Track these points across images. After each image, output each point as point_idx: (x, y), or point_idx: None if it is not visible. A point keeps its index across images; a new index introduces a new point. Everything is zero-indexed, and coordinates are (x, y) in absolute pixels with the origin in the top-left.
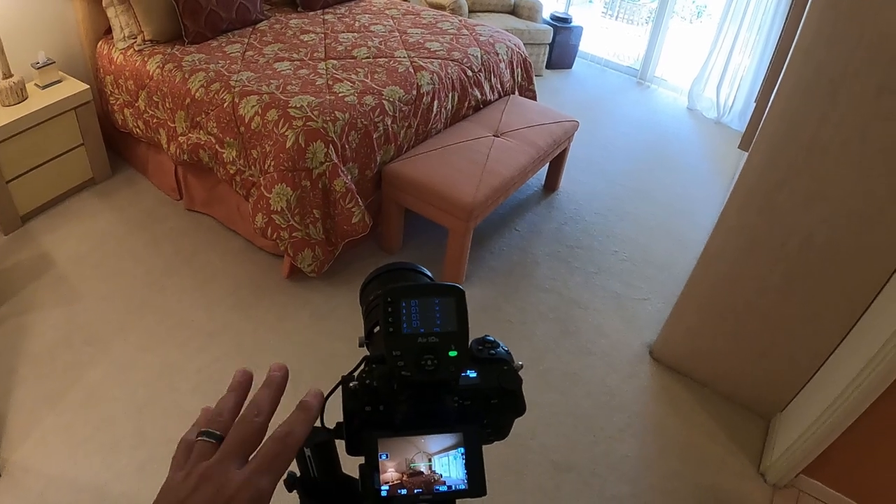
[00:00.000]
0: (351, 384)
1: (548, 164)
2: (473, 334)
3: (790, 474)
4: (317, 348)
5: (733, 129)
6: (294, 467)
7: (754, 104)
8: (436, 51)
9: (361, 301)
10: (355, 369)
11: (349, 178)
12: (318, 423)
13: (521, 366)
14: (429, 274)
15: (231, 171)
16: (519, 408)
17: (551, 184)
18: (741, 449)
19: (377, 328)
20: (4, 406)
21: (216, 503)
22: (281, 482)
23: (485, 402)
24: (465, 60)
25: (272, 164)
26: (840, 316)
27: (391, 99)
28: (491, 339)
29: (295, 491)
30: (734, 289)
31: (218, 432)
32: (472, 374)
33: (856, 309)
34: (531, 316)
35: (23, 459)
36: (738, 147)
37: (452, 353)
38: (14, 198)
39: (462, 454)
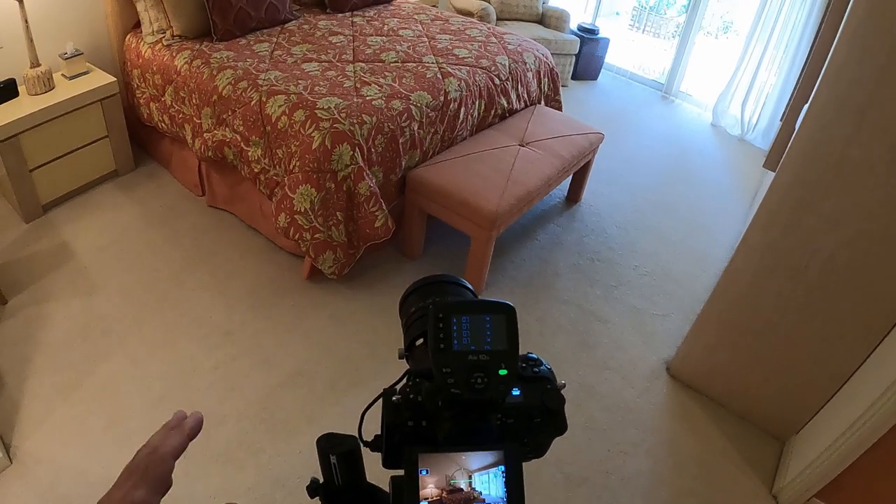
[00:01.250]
0: (394, 398)
1: (571, 175)
2: None
3: (803, 497)
4: (334, 351)
5: (756, 146)
6: (318, 473)
7: (780, 123)
8: (464, 57)
9: (401, 313)
10: (397, 382)
11: (374, 181)
12: (354, 433)
13: (564, 385)
14: (471, 288)
15: (255, 170)
16: (561, 427)
17: (574, 195)
18: (754, 469)
19: (419, 341)
20: (18, 394)
21: None
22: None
23: (527, 420)
24: (493, 68)
25: (297, 164)
26: (861, 339)
27: (418, 104)
28: (534, 356)
29: (318, 497)
30: (754, 307)
31: None
32: (515, 391)
33: (877, 332)
34: (550, 327)
35: (35, 448)
36: (763, 166)
37: (503, 372)
38: (37, 186)
39: (502, 472)
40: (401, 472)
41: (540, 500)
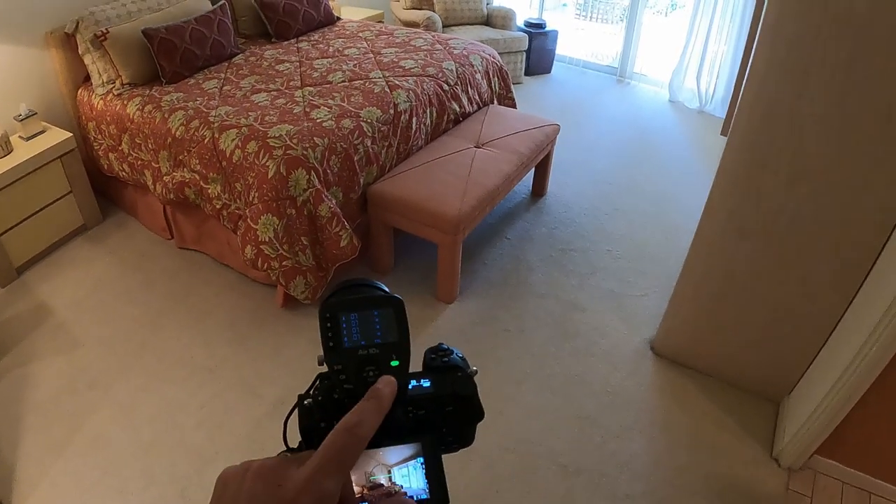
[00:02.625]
0: (306, 402)
1: (533, 169)
2: (474, 346)
3: (804, 456)
4: (315, 374)
5: (716, 116)
6: None
7: (734, 90)
8: (410, 68)
9: (320, 318)
10: (311, 387)
11: (334, 202)
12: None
13: (476, 371)
14: (381, 287)
15: (217, 206)
16: (476, 413)
17: (538, 189)
18: (752, 435)
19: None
20: (12, 456)
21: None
22: None
23: (440, 410)
24: (441, 75)
25: (256, 195)
26: (838, 291)
27: (369, 120)
28: (445, 346)
29: None
30: (728, 275)
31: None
32: (426, 383)
33: (853, 282)
34: (529, 323)
35: None
36: (721, 133)
37: (394, 363)
38: (8, 250)
39: (421, 464)
40: None
41: (539, 494)
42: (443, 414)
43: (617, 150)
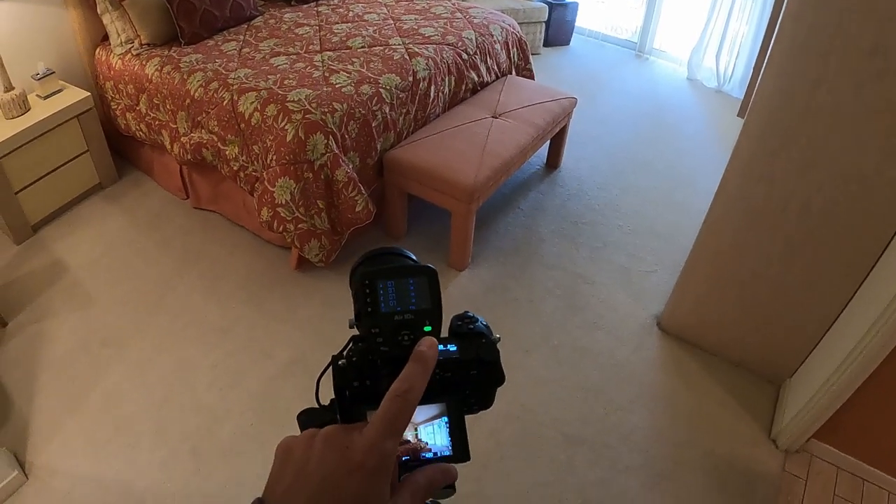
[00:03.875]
0: (340, 362)
1: (548, 141)
2: (484, 313)
3: (801, 439)
4: (329, 336)
5: (734, 97)
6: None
7: (752, 71)
8: (430, 36)
9: (350, 284)
10: (344, 349)
11: (351, 167)
12: (315, 404)
13: (499, 339)
14: (412, 257)
15: (234, 168)
16: (498, 378)
17: (553, 161)
18: (752, 416)
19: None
20: (27, 411)
21: (341, 471)
22: None
23: (465, 373)
24: (460, 44)
25: (274, 158)
26: (844, 280)
27: (388, 87)
28: (471, 314)
29: None
30: (737, 257)
31: None
32: (452, 348)
33: (859, 272)
34: (539, 293)
35: (48, 462)
36: (738, 115)
37: (427, 329)
38: (24, 208)
39: (446, 423)
40: None
41: (542, 461)
42: (467, 377)
43: (632, 125)
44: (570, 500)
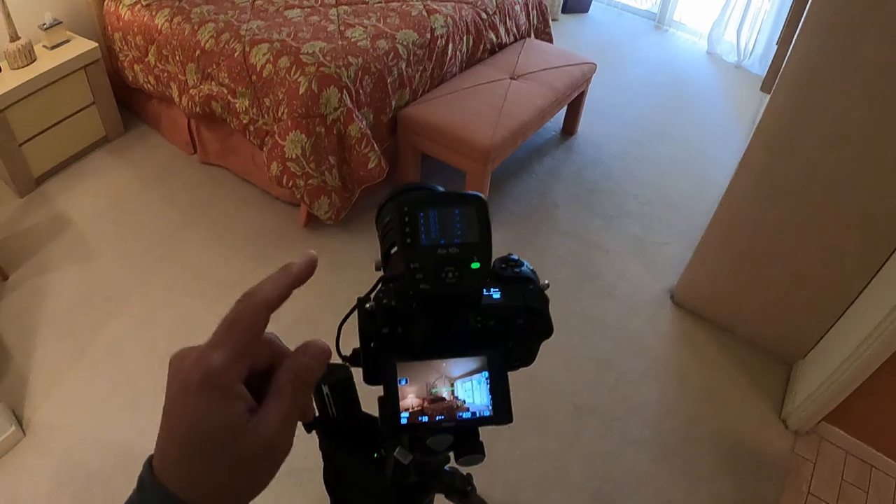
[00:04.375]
0: (367, 305)
1: (565, 107)
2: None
3: (812, 421)
4: (336, 295)
5: (753, 73)
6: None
7: (776, 47)
8: None
9: (377, 224)
10: (371, 290)
11: (364, 123)
12: (334, 359)
13: (548, 285)
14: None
15: (244, 121)
16: (546, 329)
17: (569, 127)
18: (763, 395)
19: (394, 249)
20: (26, 366)
21: (174, 385)
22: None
23: (509, 322)
24: (480, 3)
25: (285, 111)
26: (863, 261)
27: (405, 43)
28: (515, 257)
29: (315, 431)
30: (756, 232)
31: None
32: (495, 293)
33: (880, 253)
34: (551, 260)
35: (46, 418)
36: (761, 89)
37: (475, 266)
38: (28, 160)
39: (486, 379)
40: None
41: (550, 431)
42: (511, 327)
43: (650, 96)
44: (576, 471)
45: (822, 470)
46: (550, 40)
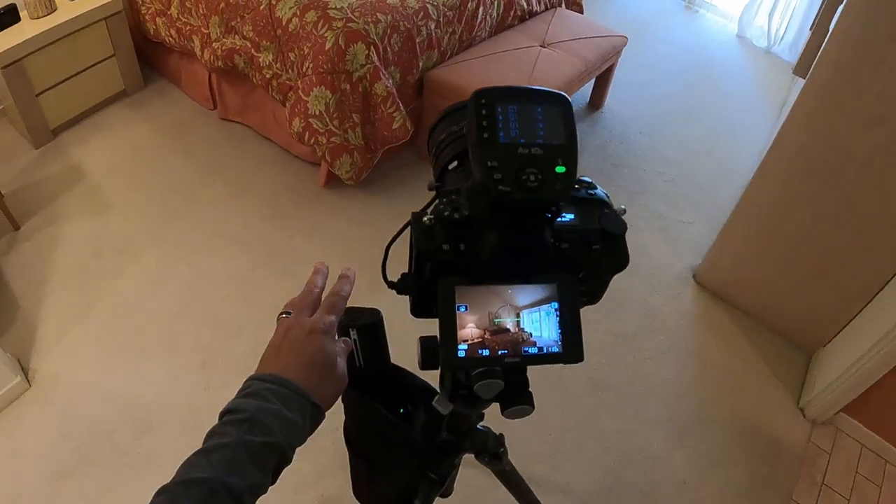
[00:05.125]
0: (425, 219)
1: (593, 80)
2: None
3: (830, 411)
4: (353, 257)
5: (783, 59)
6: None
7: (809, 32)
8: None
9: (430, 144)
10: (428, 205)
11: (391, 82)
12: (381, 288)
13: (624, 210)
14: None
15: (267, 76)
16: (622, 258)
17: (597, 100)
18: (781, 381)
19: (453, 164)
20: (34, 317)
21: (301, 336)
22: None
23: (585, 246)
24: None
25: (310, 66)
26: (894, 251)
27: (435, 3)
28: (588, 179)
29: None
30: (786, 214)
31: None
32: (568, 215)
33: None
34: None
35: (52, 369)
36: (793, 72)
37: (560, 169)
38: (44, 111)
39: (556, 310)
40: (432, 333)
41: (566, 404)
42: (587, 252)
43: (678, 76)
44: (591, 446)
45: (837, 462)
46: (581, 11)
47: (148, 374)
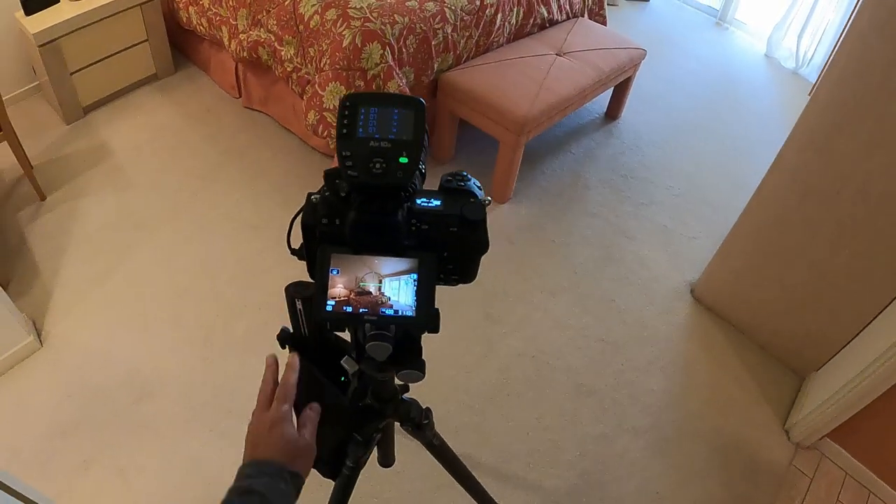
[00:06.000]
0: (313, 197)
1: (611, 91)
2: (517, 249)
3: (815, 435)
4: None
5: (810, 81)
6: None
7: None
8: None
9: None
10: (322, 188)
11: (404, 81)
12: (284, 252)
13: (489, 201)
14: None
15: (288, 69)
16: (480, 243)
17: (613, 111)
18: (769, 402)
19: None
20: (52, 283)
21: (265, 431)
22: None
23: (444, 228)
24: None
25: (328, 62)
26: (889, 278)
27: (453, 7)
28: (465, 173)
29: (288, 347)
30: (783, 233)
31: None
32: (436, 202)
33: None
34: (575, 238)
35: (64, 333)
36: (808, 94)
37: (403, 160)
38: (77, 89)
39: (414, 280)
40: None
41: (548, 406)
42: (446, 234)
43: (700, 91)
44: (568, 449)
45: (819, 487)
46: (604, 22)
47: (152, 344)
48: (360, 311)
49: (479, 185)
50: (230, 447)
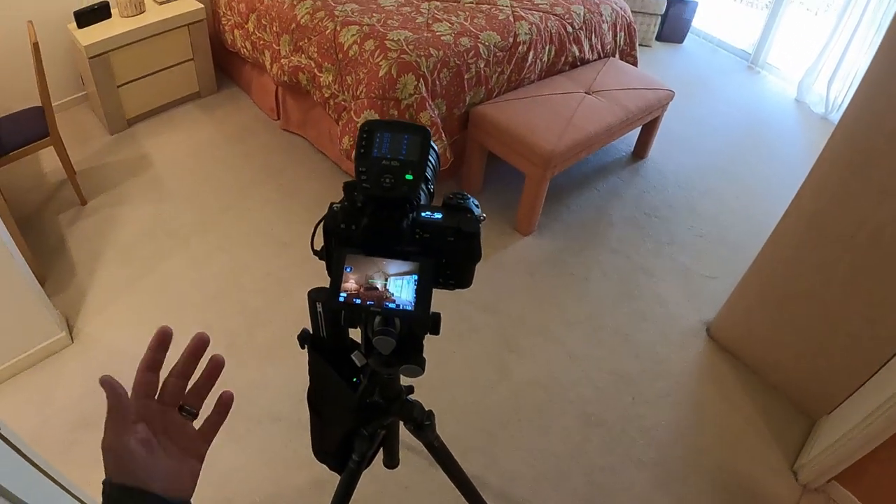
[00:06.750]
0: (334, 206)
1: (639, 130)
2: (537, 280)
3: (822, 478)
4: None
5: None
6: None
7: None
8: (539, 3)
9: None
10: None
11: (436, 112)
12: (309, 255)
13: (484, 218)
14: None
15: (326, 95)
16: (474, 252)
17: (640, 151)
18: (777, 443)
19: None
20: (87, 283)
21: (106, 453)
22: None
23: (442, 238)
24: (567, 16)
25: (364, 90)
26: None
27: (487, 43)
28: (464, 193)
29: (307, 347)
30: (798, 275)
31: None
32: (437, 215)
33: None
34: (595, 273)
35: (94, 331)
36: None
37: (408, 177)
38: (123, 102)
39: (415, 281)
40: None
41: (557, 434)
42: (444, 243)
43: (728, 134)
44: (575, 478)
45: None
46: (635, 63)
47: (177, 347)
48: (367, 303)
49: (476, 203)
50: (242, 452)
